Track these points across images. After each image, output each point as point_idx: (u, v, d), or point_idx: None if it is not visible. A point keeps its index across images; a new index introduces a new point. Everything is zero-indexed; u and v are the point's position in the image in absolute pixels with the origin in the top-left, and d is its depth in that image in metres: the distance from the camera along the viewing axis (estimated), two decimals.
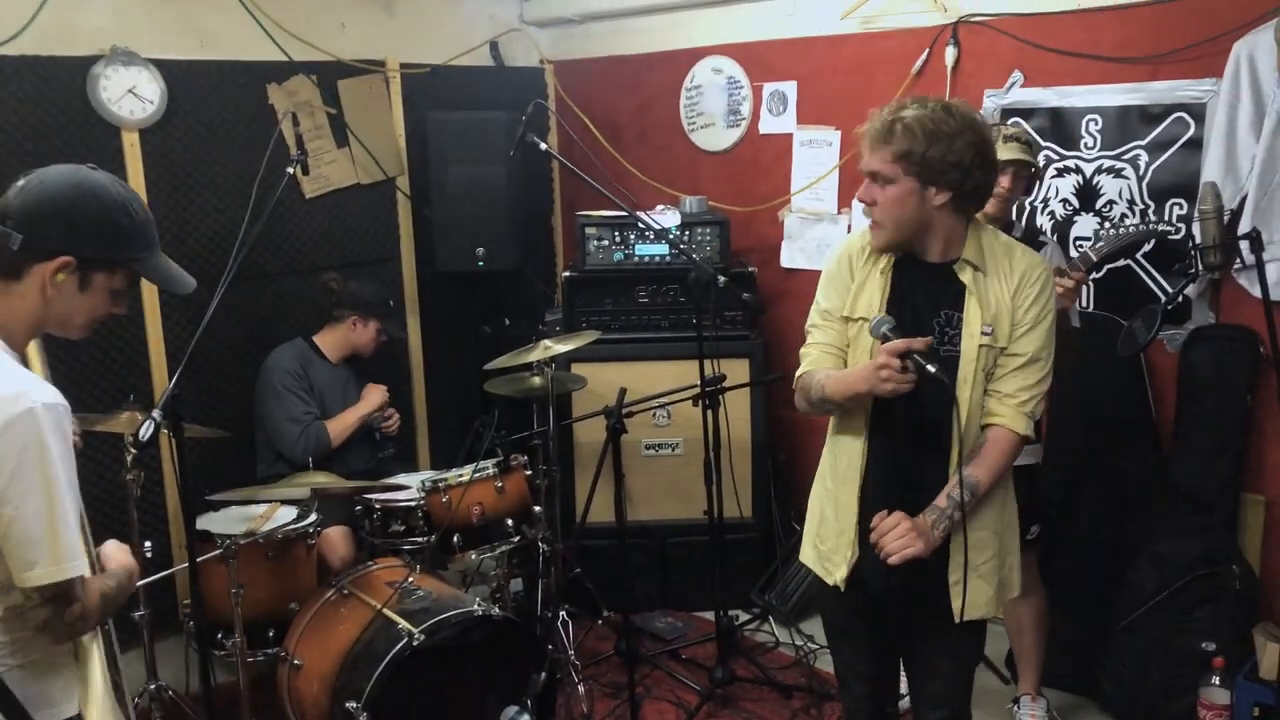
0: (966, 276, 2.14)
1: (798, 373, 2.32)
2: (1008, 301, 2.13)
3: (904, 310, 2.17)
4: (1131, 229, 2.94)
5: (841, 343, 2.25)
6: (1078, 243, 3.49)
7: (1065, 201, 3.52)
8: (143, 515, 3.38)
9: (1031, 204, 3.59)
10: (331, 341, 3.97)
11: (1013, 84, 3.58)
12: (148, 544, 3.16)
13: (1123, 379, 3.38)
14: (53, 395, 1.69)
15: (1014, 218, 3.15)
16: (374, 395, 3.97)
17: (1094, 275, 3.36)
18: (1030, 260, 2.18)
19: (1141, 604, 3.19)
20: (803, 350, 2.33)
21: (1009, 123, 3.34)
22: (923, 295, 2.17)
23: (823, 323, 2.29)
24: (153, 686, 3.26)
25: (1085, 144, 3.44)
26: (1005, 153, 2.79)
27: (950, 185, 2.06)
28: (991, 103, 3.64)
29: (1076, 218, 3.50)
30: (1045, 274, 2.17)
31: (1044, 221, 3.57)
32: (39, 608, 1.72)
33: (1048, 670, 3.30)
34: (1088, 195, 3.46)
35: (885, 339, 2.05)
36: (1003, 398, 2.15)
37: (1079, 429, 3.45)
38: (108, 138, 3.76)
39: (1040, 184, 3.55)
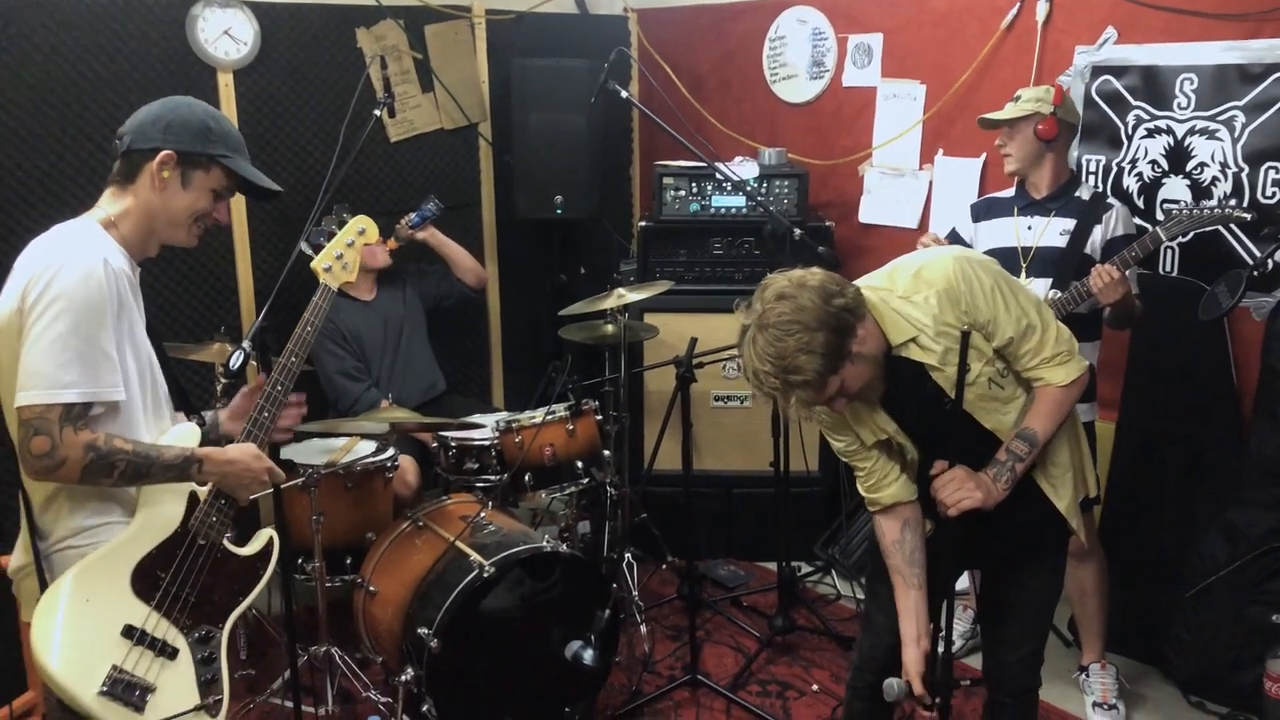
0: (915, 354, 2.11)
1: (874, 512, 2.31)
2: (954, 331, 2.08)
3: (908, 412, 2.19)
4: (1206, 212, 2.86)
5: (887, 459, 2.26)
6: (1164, 205, 3.41)
7: (1154, 163, 3.43)
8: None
9: (1119, 164, 3.51)
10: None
11: (1105, 40, 3.49)
12: None
13: (1204, 345, 3.31)
14: (105, 255, 1.90)
15: (1045, 166, 3.14)
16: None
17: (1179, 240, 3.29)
18: (920, 283, 2.10)
19: (1212, 573, 3.15)
20: (861, 484, 2.32)
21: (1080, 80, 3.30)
22: (908, 391, 2.16)
23: (859, 462, 2.29)
24: None
25: (1179, 104, 3.34)
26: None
27: (850, 330, 1.98)
28: (1083, 59, 3.55)
29: (1165, 180, 3.41)
30: (945, 273, 2.09)
31: (1130, 183, 3.49)
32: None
33: (1111, 636, 3.29)
34: (1178, 157, 3.37)
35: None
36: (1033, 367, 2.13)
37: (1156, 393, 3.40)
38: (204, 78, 3.88)
39: (1130, 142, 3.47)
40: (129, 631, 1.89)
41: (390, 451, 3.40)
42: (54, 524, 1.94)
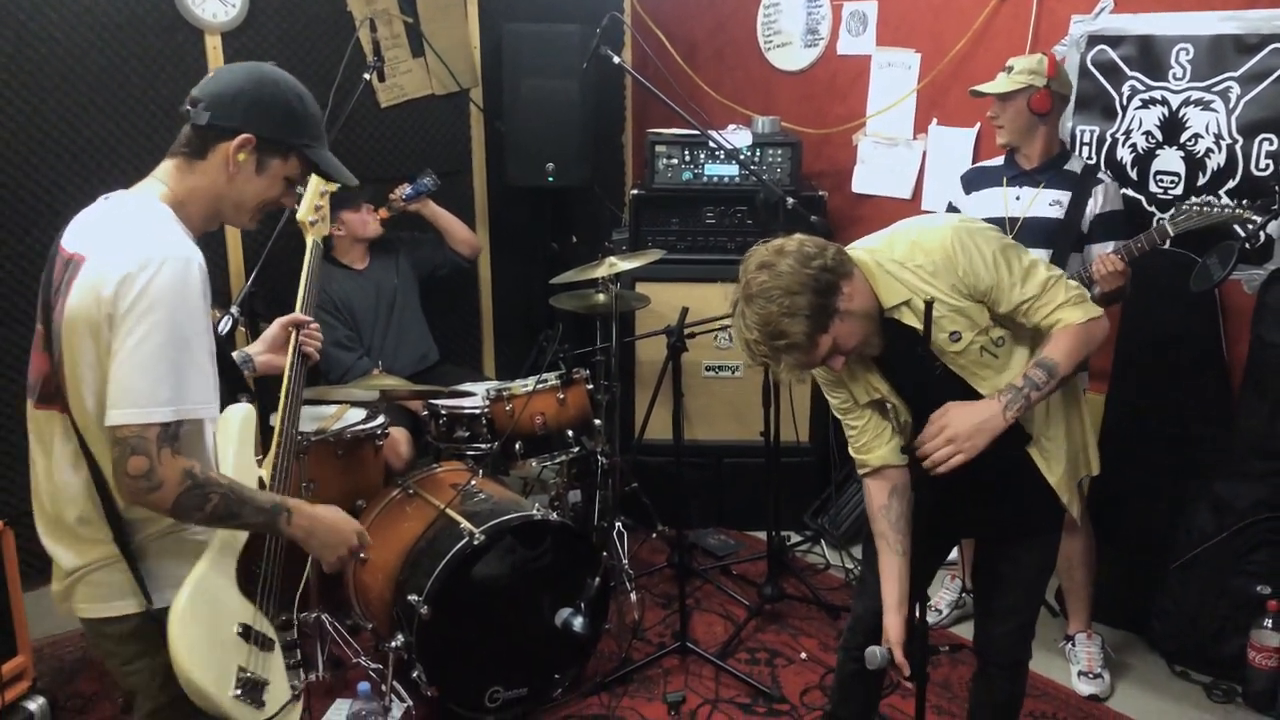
0: (907, 317, 2.11)
1: (863, 475, 2.32)
2: (953, 299, 2.07)
3: (900, 375, 2.19)
4: (1216, 210, 2.84)
5: (879, 419, 2.27)
6: (1158, 176, 3.40)
7: (1148, 134, 3.41)
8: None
9: (1113, 135, 3.49)
10: (342, 248, 3.99)
11: (1101, 9, 3.46)
12: None
13: (1195, 317, 3.31)
14: (194, 254, 1.74)
15: (1033, 138, 3.14)
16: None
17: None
18: (917, 251, 2.10)
19: (1198, 545, 3.18)
20: (851, 444, 2.33)
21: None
22: (901, 355, 2.16)
23: (851, 420, 2.30)
24: None
25: (1174, 74, 3.33)
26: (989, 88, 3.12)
27: (834, 289, 2.00)
28: (1078, 28, 3.52)
29: (1159, 151, 3.39)
30: (943, 244, 2.09)
31: (1124, 154, 3.47)
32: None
33: (1097, 606, 3.32)
34: (1172, 128, 3.35)
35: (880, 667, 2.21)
36: (1048, 315, 2.09)
37: (1146, 364, 3.41)
38: (192, 40, 3.83)
39: (1124, 113, 3.45)
40: (245, 632, 1.87)
41: (380, 419, 3.39)
42: (148, 516, 1.82)
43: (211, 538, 1.87)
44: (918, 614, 2.17)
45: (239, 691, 1.81)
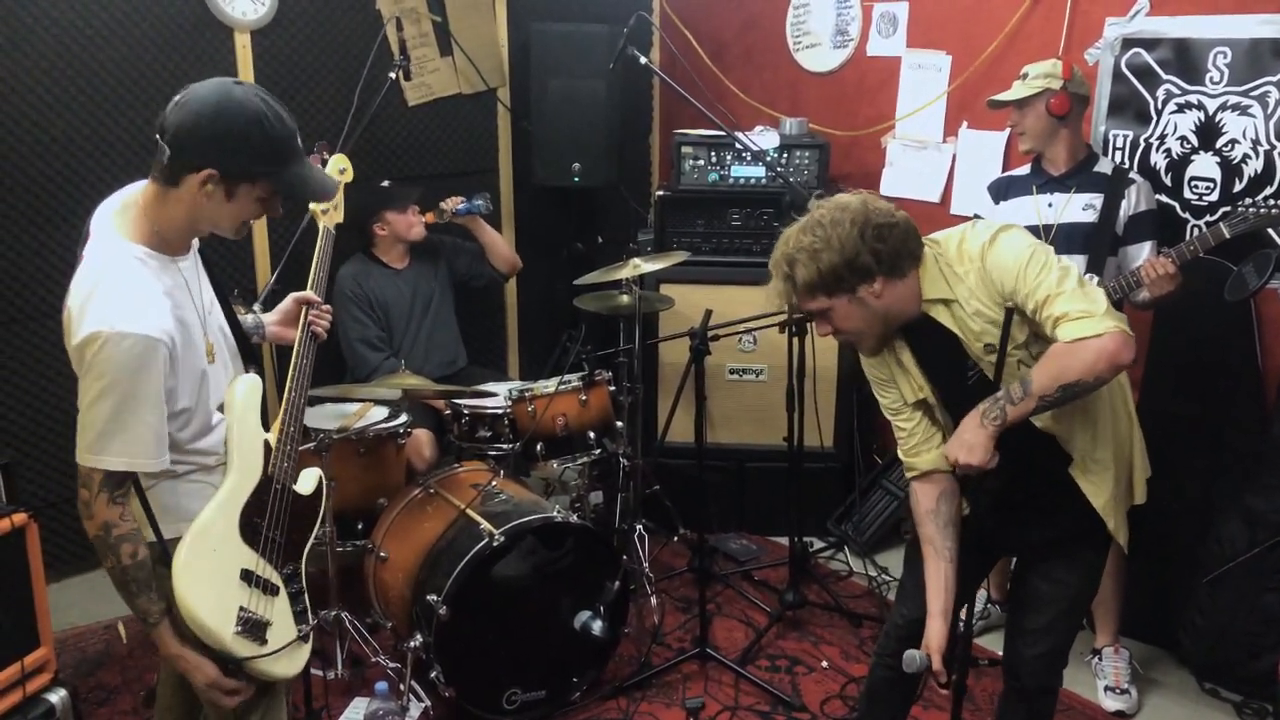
0: (943, 316, 2.09)
1: (911, 478, 2.29)
2: (993, 310, 2.05)
3: (940, 371, 2.18)
4: (1275, 212, 2.78)
5: (929, 423, 2.25)
6: (1193, 182, 3.33)
7: (1183, 139, 3.35)
8: None
9: (1147, 140, 3.44)
10: (383, 247, 4.00)
11: (1137, 11, 3.41)
12: None
13: (1229, 327, 3.25)
14: (147, 328, 1.83)
15: (1057, 143, 3.14)
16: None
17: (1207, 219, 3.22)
18: (964, 257, 2.08)
19: (1229, 559, 3.11)
20: (900, 447, 2.31)
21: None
22: (935, 351, 2.15)
23: (901, 422, 2.29)
24: None
25: (1211, 78, 3.27)
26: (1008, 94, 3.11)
27: (867, 274, 2.02)
28: (1113, 31, 3.47)
29: (1194, 156, 3.33)
30: (981, 243, 2.08)
31: (1159, 159, 3.41)
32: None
33: (1125, 620, 3.26)
34: (1208, 134, 3.29)
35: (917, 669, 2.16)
36: (1051, 328, 1.99)
37: (1178, 374, 3.35)
38: (221, 38, 3.84)
39: (1159, 117, 3.39)
40: (246, 575, 1.99)
41: (403, 418, 3.39)
42: None
43: (219, 486, 2.01)
44: (960, 625, 2.14)
45: (240, 628, 1.95)
